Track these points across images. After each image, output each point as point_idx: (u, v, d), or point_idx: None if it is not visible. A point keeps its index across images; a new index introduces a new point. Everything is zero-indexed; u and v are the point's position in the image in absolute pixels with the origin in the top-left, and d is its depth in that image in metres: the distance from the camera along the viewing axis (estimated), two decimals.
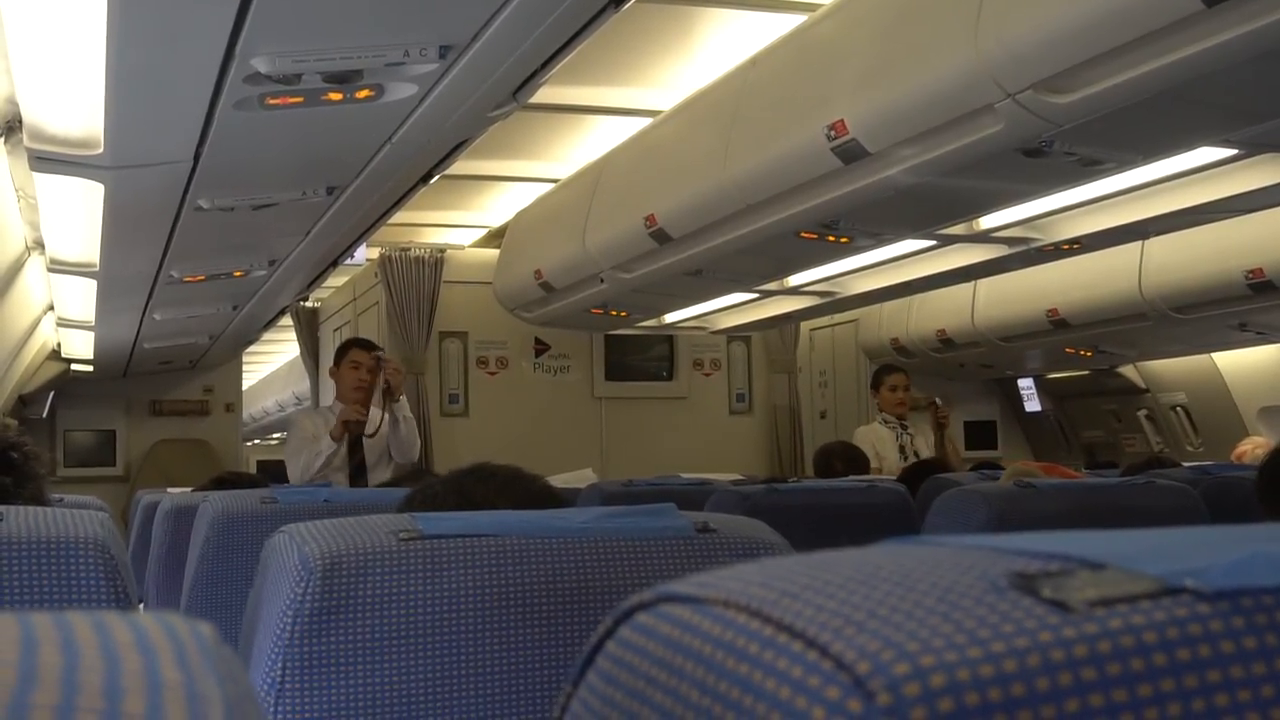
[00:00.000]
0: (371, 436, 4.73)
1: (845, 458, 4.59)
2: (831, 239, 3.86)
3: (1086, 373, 7.04)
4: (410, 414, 4.95)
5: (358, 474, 4.77)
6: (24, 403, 6.71)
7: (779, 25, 3.68)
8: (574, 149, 5.24)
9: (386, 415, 4.76)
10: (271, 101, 2.45)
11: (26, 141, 2.76)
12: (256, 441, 15.14)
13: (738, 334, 6.83)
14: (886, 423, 5.60)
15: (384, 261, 6.59)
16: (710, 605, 0.40)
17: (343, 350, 4.88)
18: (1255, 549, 0.38)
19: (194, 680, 0.29)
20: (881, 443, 5.49)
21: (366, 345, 4.89)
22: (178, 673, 0.29)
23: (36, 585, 1.02)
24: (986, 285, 5.99)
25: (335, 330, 7.80)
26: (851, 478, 4.16)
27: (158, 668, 0.29)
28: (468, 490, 1.31)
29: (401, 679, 1.04)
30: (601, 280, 4.84)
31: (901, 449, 5.54)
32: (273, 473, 8.06)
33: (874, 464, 5.02)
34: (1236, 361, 6.16)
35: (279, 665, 1.03)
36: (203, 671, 0.29)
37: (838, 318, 7.10)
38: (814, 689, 0.34)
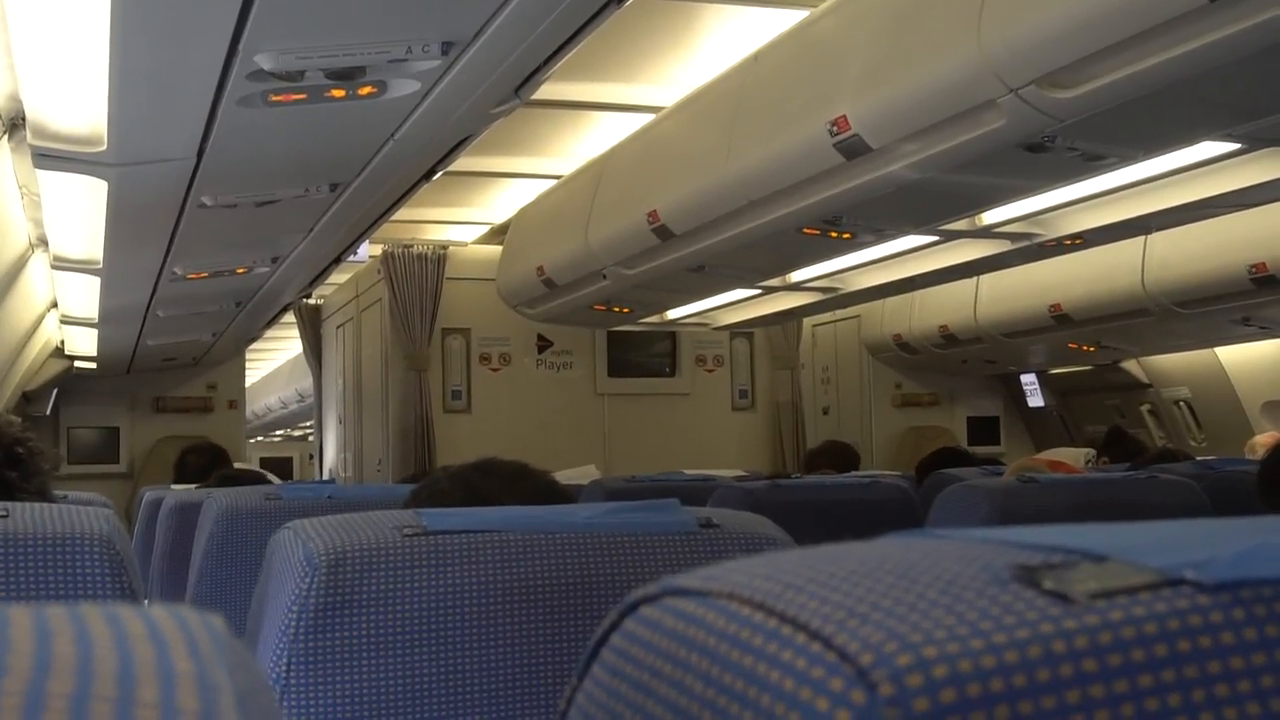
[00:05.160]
0: None
1: (828, 455, 4.61)
2: (834, 235, 3.86)
3: (1089, 368, 7.04)
4: None
5: None
6: (27, 400, 6.72)
7: (781, 21, 3.68)
8: (576, 145, 5.25)
9: None
10: (275, 98, 2.45)
11: (30, 139, 2.77)
12: (260, 438, 15.17)
13: (740, 330, 6.83)
14: None
15: (386, 258, 6.60)
16: (715, 598, 0.40)
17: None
18: (1257, 541, 0.38)
19: (206, 670, 0.29)
20: None
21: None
22: (190, 663, 0.29)
23: (42, 580, 1.02)
24: (989, 281, 5.99)
25: (338, 327, 7.81)
26: (853, 473, 4.17)
27: (170, 658, 0.29)
28: (474, 485, 1.31)
29: (406, 674, 1.05)
30: (604, 276, 4.84)
31: None
32: (276, 469, 8.08)
33: None
34: (1240, 356, 6.15)
35: (284, 661, 1.03)
36: (214, 662, 0.30)
37: (840, 313, 7.10)
38: (818, 680, 0.35)
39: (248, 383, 8.76)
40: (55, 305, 5.46)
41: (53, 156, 2.81)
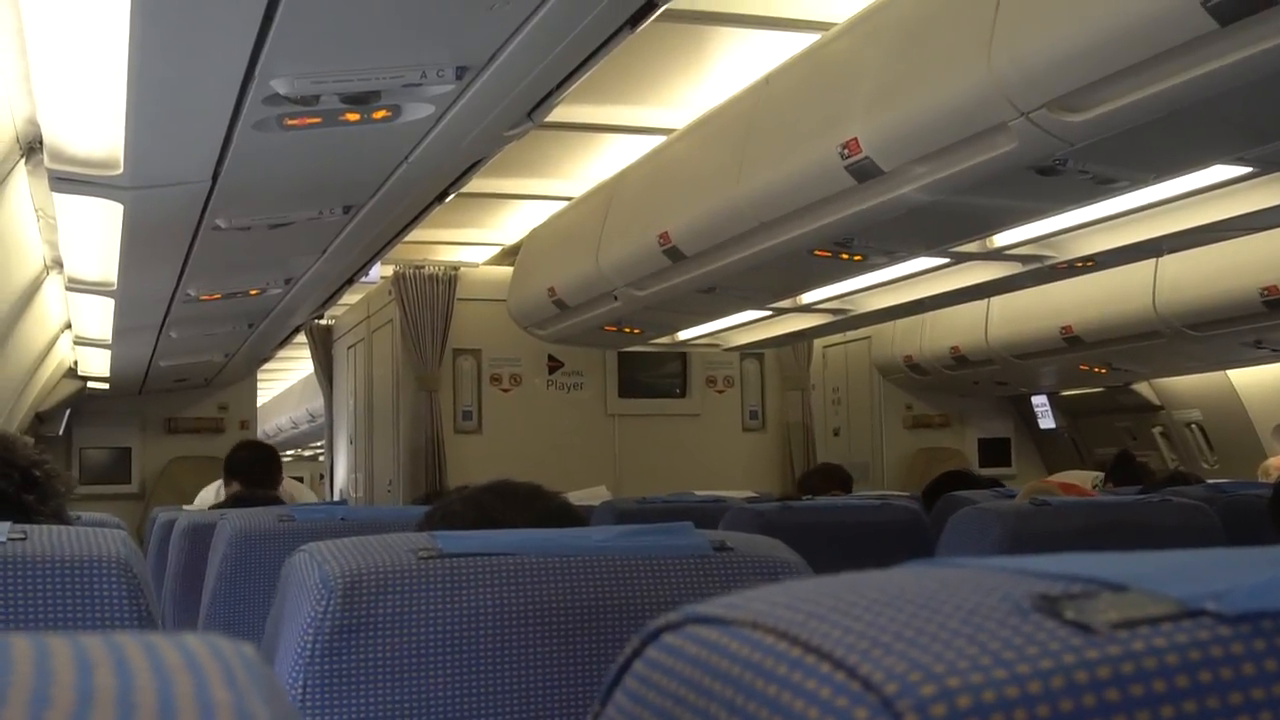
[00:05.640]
0: None
1: (821, 477, 4.60)
2: (845, 257, 3.86)
3: (1101, 390, 7.02)
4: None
5: None
6: (41, 420, 6.74)
7: (792, 44, 3.70)
8: (587, 167, 5.27)
9: None
10: (290, 122, 2.47)
11: (47, 162, 2.79)
12: None
13: (751, 351, 6.84)
14: None
15: (398, 279, 6.62)
16: (738, 626, 0.40)
17: (228, 472, 4.24)
18: (1276, 572, 0.38)
19: (243, 700, 0.30)
20: None
21: (252, 484, 4.04)
22: (227, 693, 0.30)
23: (60, 603, 1.03)
24: (1000, 303, 5.99)
25: (349, 348, 7.82)
26: (862, 494, 4.16)
27: (208, 688, 0.30)
28: (487, 507, 1.32)
29: (421, 697, 1.05)
30: (615, 298, 4.85)
31: None
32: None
33: None
34: (1252, 378, 6.14)
35: (300, 683, 1.03)
36: (251, 691, 0.30)
37: (851, 335, 7.10)
38: (842, 709, 0.35)
39: (259, 403, 8.78)
40: (69, 326, 5.49)
41: (69, 180, 2.83)
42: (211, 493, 4.80)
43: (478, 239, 6.72)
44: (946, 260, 4.28)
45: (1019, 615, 0.37)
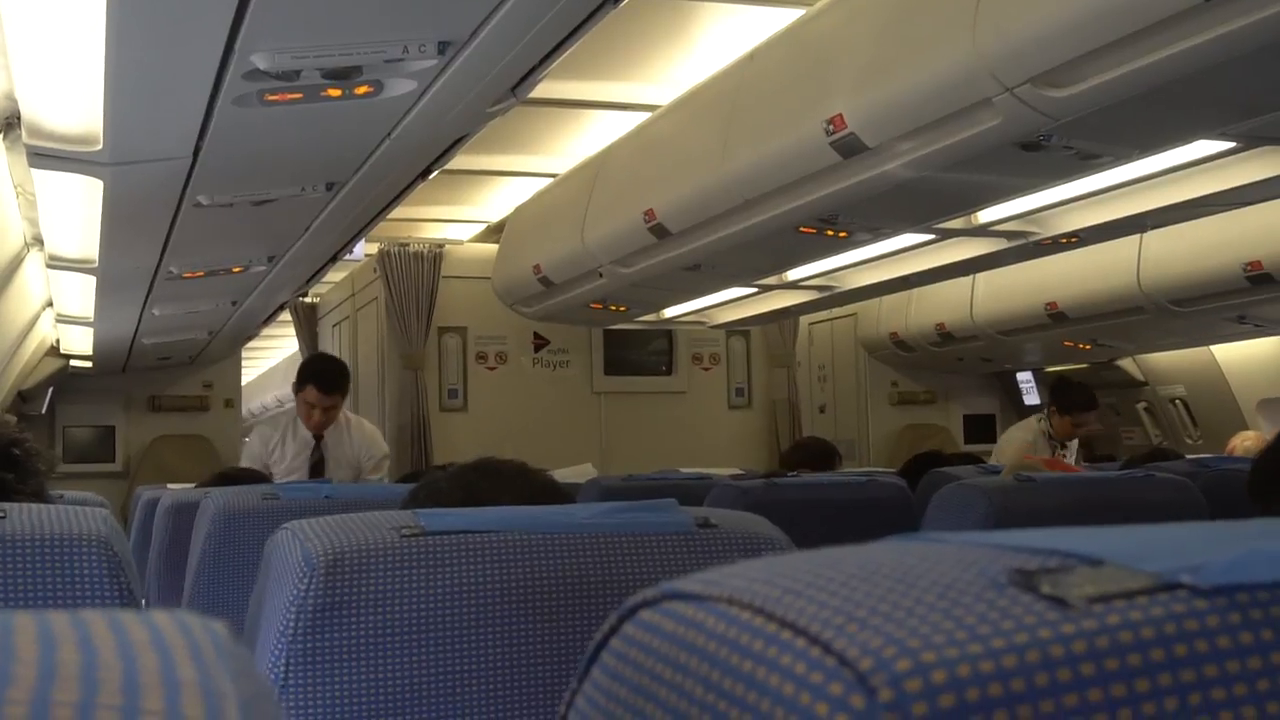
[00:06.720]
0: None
1: (802, 452, 4.58)
2: (830, 233, 3.86)
3: (1085, 366, 7.05)
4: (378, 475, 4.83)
5: (314, 472, 4.73)
6: (23, 399, 6.71)
7: (777, 19, 3.68)
8: (573, 144, 5.25)
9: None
10: (271, 98, 2.45)
11: (25, 138, 2.76)
12: None
13: (737, 328, 6.84)
14: (1050, 437, 5.52)
15: (383, 257, 6.59)
16: (714, 602, 0.40)
17: (301, 378, 4.62)
18: (1251, 546, 0.38)
19: (210, 678, 0.29)
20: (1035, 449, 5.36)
21: (325, 384, 4.58)
22: (193, 670, 0.29)
23: (40, 582, 1.02)
24: (985, 279, 5.99)
25: (334, 326, 7.80)
26: (847, 470, 4.17)
27: (174, 665, 0.29)
28: (472, 485, 1.31)
29: (405, 675, 1.05)
30: (600, 275, 4.84)
31: None
32: None
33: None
34: (1235, 354, 6.17)
35: (283, 661, 1.03)
36: (218, 669, 0.30)
37: (836, 312, 7.11)
38: (817, 685, 0.35)
39: (244, 381, 8.75)
40: (51, 304, 5.46)
41: (48, 155, 2.81)
42: (257, 441, 4.84)
43: (462, 216, 6.70)
44: (931, 237, 4.29)
45: (995, 590, 0.37)
